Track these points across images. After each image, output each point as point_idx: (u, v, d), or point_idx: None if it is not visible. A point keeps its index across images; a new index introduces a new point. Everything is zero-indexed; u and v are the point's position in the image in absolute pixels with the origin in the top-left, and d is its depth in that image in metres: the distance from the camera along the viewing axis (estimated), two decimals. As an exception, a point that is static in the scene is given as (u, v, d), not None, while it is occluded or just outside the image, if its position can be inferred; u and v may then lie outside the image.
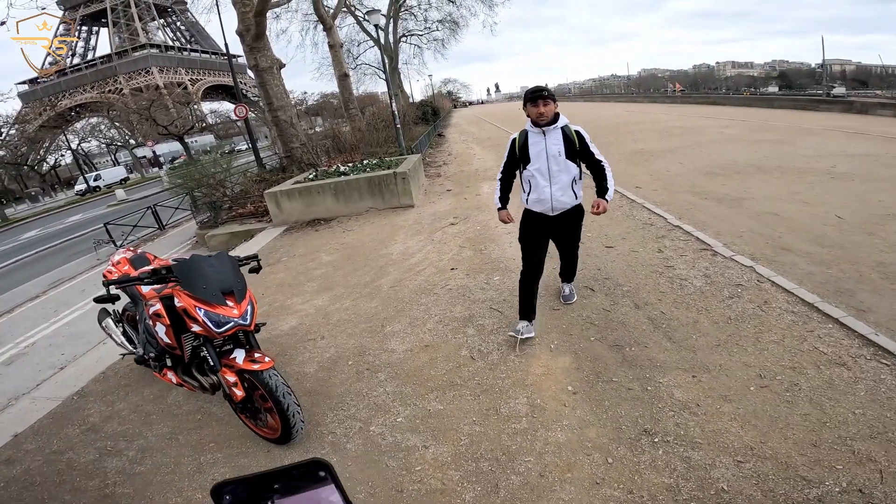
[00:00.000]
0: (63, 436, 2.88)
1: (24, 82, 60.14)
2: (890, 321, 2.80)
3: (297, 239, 7.03)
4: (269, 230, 7.76)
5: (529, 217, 3.05)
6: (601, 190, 2.93)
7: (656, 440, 2.15)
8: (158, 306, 2.38)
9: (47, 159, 47.95)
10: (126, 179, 38.82)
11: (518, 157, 2.95)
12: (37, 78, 59.71)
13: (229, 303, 2.27)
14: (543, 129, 2.81)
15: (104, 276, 3.05)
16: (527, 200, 2.98)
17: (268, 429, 2.44)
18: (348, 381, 2.98)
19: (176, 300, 2.28)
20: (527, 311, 3.09)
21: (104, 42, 64.17)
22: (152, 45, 61.01)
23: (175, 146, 42.02)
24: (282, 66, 10.25)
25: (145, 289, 2.67)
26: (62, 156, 48.11)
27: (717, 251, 4.08)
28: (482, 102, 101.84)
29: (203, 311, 2.19)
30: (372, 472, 2.22)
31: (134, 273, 2.79)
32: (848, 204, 4.98)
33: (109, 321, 3.24)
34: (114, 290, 2.24)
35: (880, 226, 4.25)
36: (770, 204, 5.30)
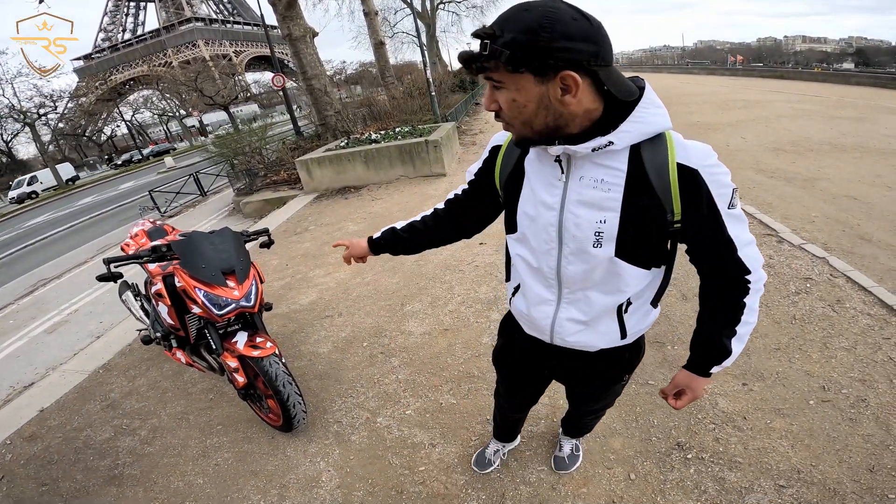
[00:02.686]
0: (84, 412, 2.90)
1: (78, 58, 63.05)
2: None
3: (325, 207, 6.95)
4: (299, 197, 7.75)
5: (514, 329, 1.32)
6: (704, 346, 1.08)
7: (689, 456, 1.88)
8: (159, 286, 2.27)
9: (104, 130, 50.56)
10: (76, 178, 31.34)
11: (486, 197, 1.23)
12: (90, 54, 62.53)
13: (230, 283, 2.12)
14: (566, 149, 0.90)
15: (122, 249, 3.00)
16: (510, 298, 1.26)
17: (273, 414, 2.33)
18: (361, 364, 2.83)
19: (176, 279, 2.15)
20: (504, 434, 1.92)
21: (152, 17, 66.04)
22: (197, 19, 62.26)
23: (222, 115, 43.15)
24: (315, 34, 10.02)
25: (152, 266, 2.57)
26: (118, 127, 50.62)
27: (783, 237, 3.61)
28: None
29: (202, 292, 2.05)
30: (374, 469, 2.07)
31: (146, 247, 2.70)
32: (942, 190, 4.31)
33: (129, 295, 3.20)
34: (116, 268, 2.12)
35: (982, 217, 3.63)
36: (848, 186, 4.68)
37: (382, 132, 8.75)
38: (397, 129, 8.68)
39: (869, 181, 4.80)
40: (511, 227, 1.12)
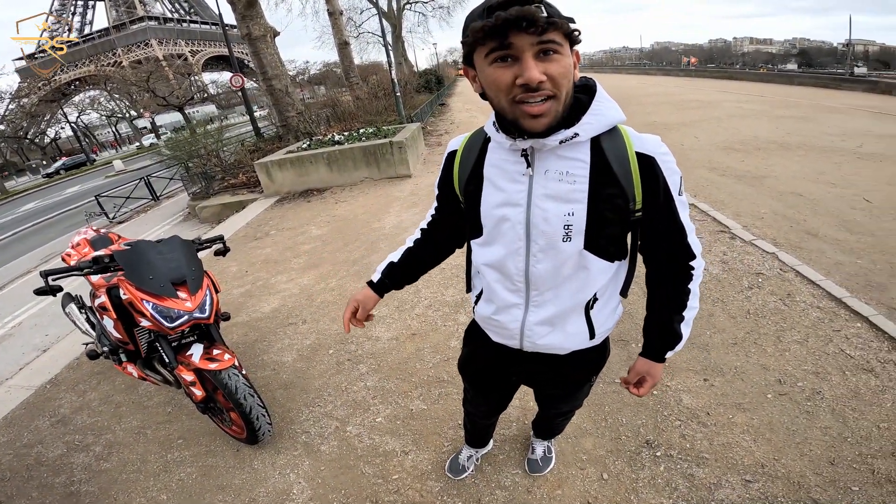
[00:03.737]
0: (34, 428, 2.70)
1: (20, 58, 59.25)
2: (926, 321, 2.51)
3: (287, 210, 6.76)
4: (260, 201, 7.52)
5: (479, 337, 1.30)
6: (660, 333, 1.12)
7: (658, 454, 1.91)
8: (103, 298, 2.12)
9: (48, 132, 47.66)
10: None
11: (457, 205, 1.17)
12: (33, 54, 58.92)
13: (181, 294, 2.00)
14: (535, 142, 0.90)
15: (62, 259, 2.80)
16: (474, 307, 1.23)
17: (236, 427, 2.23)
18: (327, 372, 2.74)
19: (121, 292, 2.01)
20: (476, 440, 1.89)
21: (102, 16, 63.00)
22: (150, 18, 59.66)
23: (176, 116, 41.47)
24: (276, 34, 9.78)
25: (95, 277, 2.40)
26: (62, 129, 47.88)
27: (735, 234, 3.75)
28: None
29: (151, 304, 1.92)
30: (346, 480, 2.00)
31: (87, 258, 2.52)
32: (877, 187, 4.61)
33: (73, 307, 2.98)
34: (55, 281, 1.96)
35: (914, 211, 3.90)
36: (794, 183, 4.94)
37: (346, 133, 8.60)
38: (361, 131, 8.56)
39: (813, 178, 5.08)
40: (475, 231, 1.09)
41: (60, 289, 1.98)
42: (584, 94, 0.91)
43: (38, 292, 1.94)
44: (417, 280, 1.35)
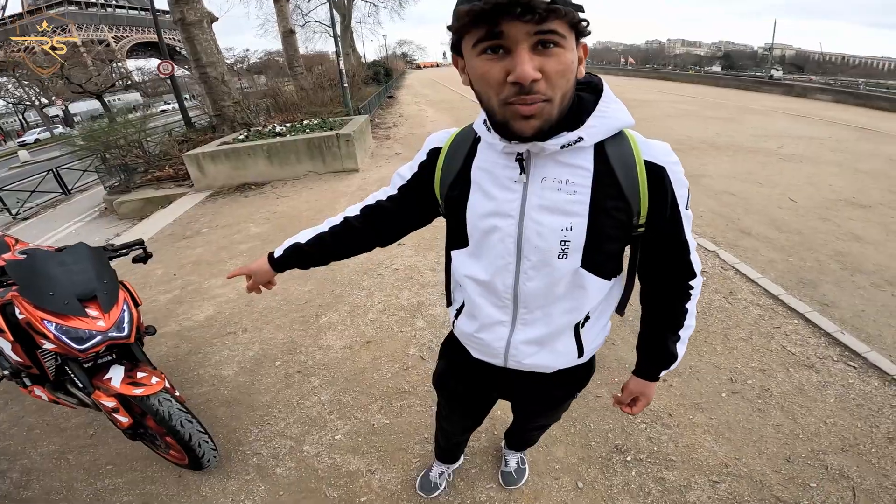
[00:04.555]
0: None
1: None
2: (853, 317, 2.70)
3: (221, 206, 6.26)
4: (189, 196, 6.91)
5: (457, 352, 1.18)
6: (655, 352, 1.05)
7: (629, 458, 1.89)
8: None
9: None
10: None
11: (418, 205, 1.06)
12: None
13: (92, 312, 1.70)
14: (533, 146, 0.78)
15: None
16: (453, 321, 1.12)
17: (174, 452, 1.96)
18: (276, 386, 2.51)
19: (17, 310, 1.69)
20: (447, 456, 1.78)
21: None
22: (70, 2, 54.62)
23: (95, 104, 37.89)
24: (214, 19, 9.09)
25: None
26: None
27: (677, 233, 3.89)
28: (437, 66, 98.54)
29: (53, 325, 1.63)
30: None
31: None
32: (800, 187, 4.98)
33: None
34: None
35: (833, 211, 4.24)
36: (726, 183, 5.24)
37: (289, 125, 8.16)
38: (305, 122, 8.16)
39: (743, 178, 5.42)
40: (459, 241, 0.96)
41: None
42: (588, 94, 0.80)
43: None
44: (324, 265, 1.22)
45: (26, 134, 35.21)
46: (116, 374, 1.76)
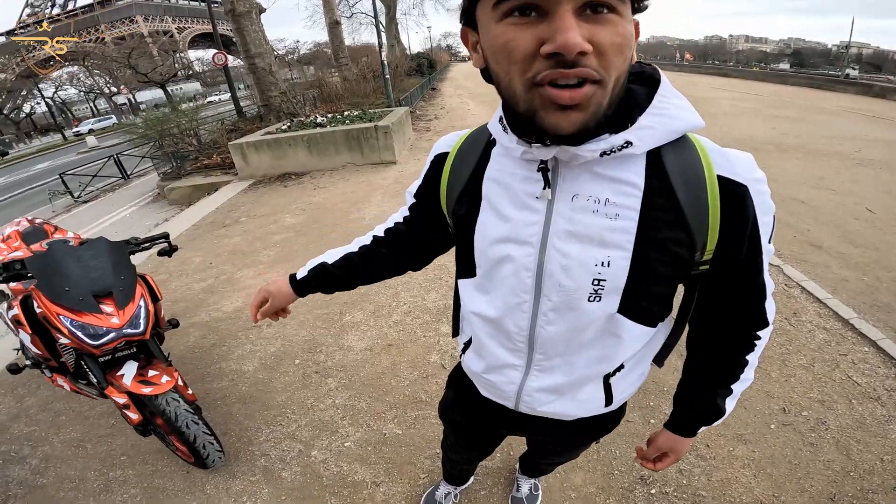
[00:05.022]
0: None
1: (0, 34, 56.93)
2: (935, 348, 2.35)
3: (261, 195, 6.38)
4: (233, 184, 7.12)
5: (465, 385, 1.02)
6: (698, 405, 0.83)
7: (653, 491, 1.72)
8: (16, 310, 1.80)
9: (23, 108, 45.92)
10: None
11: (435, 221, 0.89)
12: (13, 29, 56.54)
13: (106, 308, 1.69)
14: (562, 151, 0.59)
15: None
16: (461, 355, 0.97)
17: (181, 451, 1.95)
18: (292, 386, 2.47)
19: (35, 304, 1.70)
20: (455, 479, 1.68)
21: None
22: None
23: (158, 93, 40.15)
24: (262, 10, 9.33)
25: (12, 283, 2.08)
26: (38, 104, 46.13)
27: (734, 243, 3.56)
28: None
29: (68, 320, 1.62)
30: None
31: (20, 254, 2.18)
32: (878, 196, 4.46)
33: (5, 307, 2.65)
34: None
35: (917, 224, 3.75)
36: (795, 188, 4.76)
37: (330, 115, 8.22)
38: (346, 113, 8.19)
39: (813, 183, 4.92)
40: (467, 269, 0.79)
41: None
42: (641, 85, 0.61)
43: None
44: (351, 289, 1.05)
45: (81, 124, 37.20)
46: (129, 371, 1.74)
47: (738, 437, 1.91)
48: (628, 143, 0.58)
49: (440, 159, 0.81)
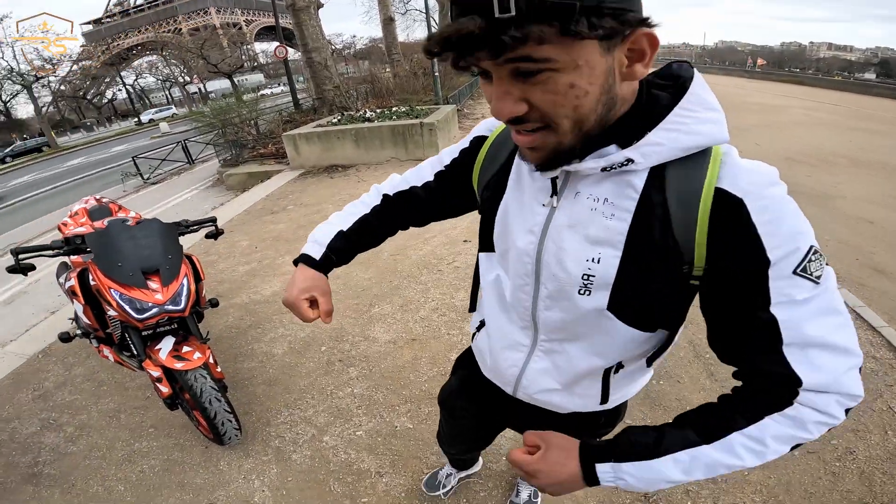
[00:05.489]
0: (16, 401, 2.65)
1: (87, 22, 62.13)
2: None
3: (309, 185, 6.63)
4: (284, 173, 7.45)
5: (471, 368, 1.07)
6: (638, 433, 0.67)
7: None
8: (73, 282, 1.97)
9: (106, 94, 50.07)
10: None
11: (457, 191, 0.91)
12: (100, 18, 61.43)
13: (153, 284, 1.82)
14: (577, 167, 0.61)
15: (58, 228, 2.69)
16: (474, 333, 1.00)
17: (203, 427, 2.07)
18: (315, 371, 2.56)
19: (90, 277, 1.86)
20: (459, 465, 1.74)
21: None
22: None
23: (226, 83, 42.56)
24: (320, 5, 9.67)
25: (74, 256, 2.27)
26: (119, 90, 50.17)
27: (789, 262, 3.32)
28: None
29: (117, 294, 1.76)
30: (312, 495, 1.84)
31: (84, 229, 2.38)
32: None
33: (66, 279, 2.90)
34: (26, 260, 1.83)
35: None
36: (864, 207, 4.38)
37: (378, 111, 8.40)
38: (394, 109, 8.35)
39: (886, 203, 4.50)
40: (488, 244, 0.83)
41: (32, 267, 1.84)
42: (668, 93, 0.59)
43: (10, 270, 1.82)
44: (365, 250, 1.01)
45: (143, 114, 39.44)
46: (166, 346, 1.87)
47: (757, 463, 1.80)
48: (629, 161, 0.58)
49: (480, 141, 0.85)
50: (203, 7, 60.02)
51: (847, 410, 0.58)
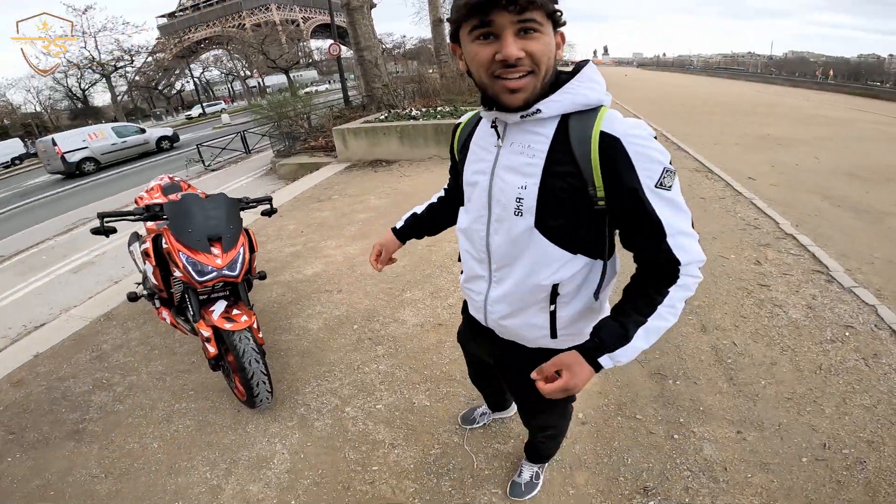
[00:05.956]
0: (74, 361, 2.92)
1: (163, 16, 66.26)
2: None
3: (354, 178, 6.96)
4: (332, 165, 7.86)
5: (467, 315, 1.36)
6: (604, 325, 0.93)
7: (651, 503, 1.70)
8: (148, 244, 2.25)
9: (175, 85, 53.42)
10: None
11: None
12: (174, 12, 65.46)
13: (215, 250, 2.06)
14: (500, 115, 0.92)
15: (135, 201, 3.04)
16: (462, 280, 1.24)
17: (239, 389, 2.27)
18: (345, 347, 2.76)
19: (163, 241, 2.13)
20: (489, 404, 1.99)
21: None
22: None
23: (282, 78, 44.43)
24: (373, 5, 10.01)
25: (149, 223, 2.57)
26: (187, 82, 53.37)
27: (833, 276, 3.21)
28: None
29: (185, 256, 2.01)
30: (326, 460, 2.00)
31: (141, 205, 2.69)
32: None
33: (136, 246, 3.17)
34: (109, 223, 2.09)
35: None
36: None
37: (424, 109, 8.64)
38: (439, 108, 8.55)
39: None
40: (461, 199, 1.12)
41: (114, 230, 2.09)
42: (568, 74, 0.89)
43: (94, 232, 2.07)
44: (437, 234, 1.46)
45: (194, 108, 41.65)
46: (218, 308, 2.10)
47: (761, 465, 1.82)
48: (538, 111, 0.87)
49: (455, 127, 1.17)
50: (265, 3, 62.81)
51: (700, 269, 0.90)
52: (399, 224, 1.45)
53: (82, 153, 14.40)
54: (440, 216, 1.42)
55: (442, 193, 1.41)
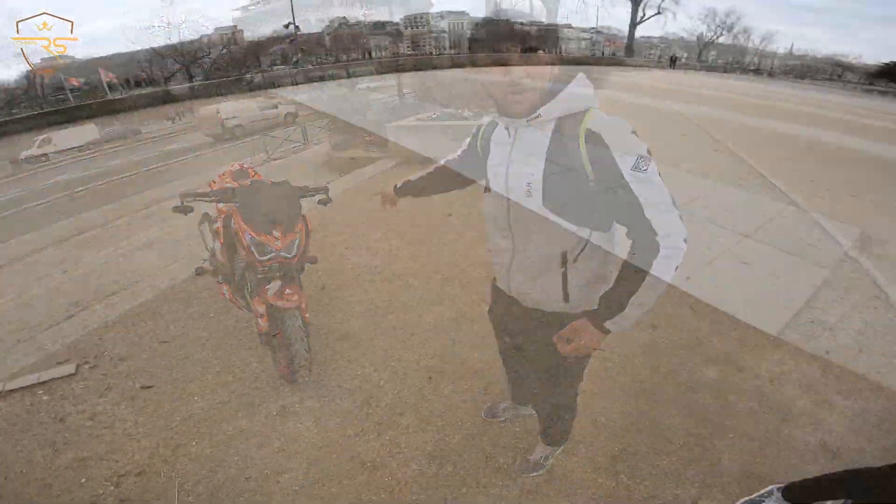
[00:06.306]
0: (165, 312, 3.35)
1: (237, 9, 69.51)
2: None
3: (404, 174, 7.04)
4: (383, 161, 8.13)
5: (494, 288, 1.59)
6: (609, 294, 1.19)
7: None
8: (218, 224, 2.51)
9: (245, 77, 56.81)
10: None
11: (473, 157, 1.52)
12: (248, 5, 68.84)
13: (276, 233, 2.29)
14: (511, 121, 1.23)
15: (209, 185, 3.35)
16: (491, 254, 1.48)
17: (283, 364, 2.47)
18: (383, 336, 2.93)
19: (233, 221, 2.37)
20: (513, 395, 2.13)
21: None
22: None
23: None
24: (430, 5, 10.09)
25: (221, 205, 2.84)
26: (256, 75, 56.43)
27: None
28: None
29: (249, 236, 2.25)
30: (350, 432, 2.21)
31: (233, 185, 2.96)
32: None
33: (206, 225, 3.45)
34: (188, 202, 2.35)
35: None
36: None
37: (476, 110, 8.68)
38: (491, 110, 8.57)
39: None
40: (487, 185, 1.38)
41: (192, 209, 2.36)
42: (566, 84, 1.16)
43: (175, 209, 2.35)
44: (429, 196, 1.88)
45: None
46: (274, 287, 2.31)
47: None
48: (538, 115, 1.16)
49: (478, 128, 1.49)
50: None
51: (685, 240, 1.09)
52: (399, 183, 1.86)
53: (235, 121, 17.54)
54: (434, 185, 1.78)
55: (441, 164, 1.71)
